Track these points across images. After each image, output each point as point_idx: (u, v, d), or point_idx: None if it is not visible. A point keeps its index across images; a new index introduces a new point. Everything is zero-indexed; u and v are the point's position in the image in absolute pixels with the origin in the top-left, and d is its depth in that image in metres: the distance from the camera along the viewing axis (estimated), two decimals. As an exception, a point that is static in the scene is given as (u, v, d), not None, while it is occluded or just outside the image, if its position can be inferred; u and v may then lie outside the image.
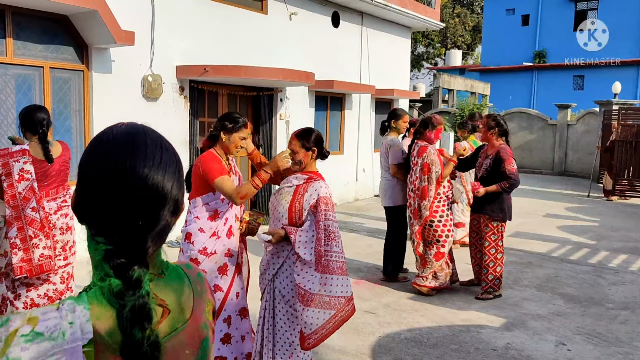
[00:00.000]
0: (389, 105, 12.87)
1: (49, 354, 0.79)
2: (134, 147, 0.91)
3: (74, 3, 5.58)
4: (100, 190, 0.88)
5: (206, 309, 1.02)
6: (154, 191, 0.90)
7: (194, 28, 7.60)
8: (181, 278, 1.00)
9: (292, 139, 3.22)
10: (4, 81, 5.75)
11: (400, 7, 11.45)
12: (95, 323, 0.84)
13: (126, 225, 0.87)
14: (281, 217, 3.18)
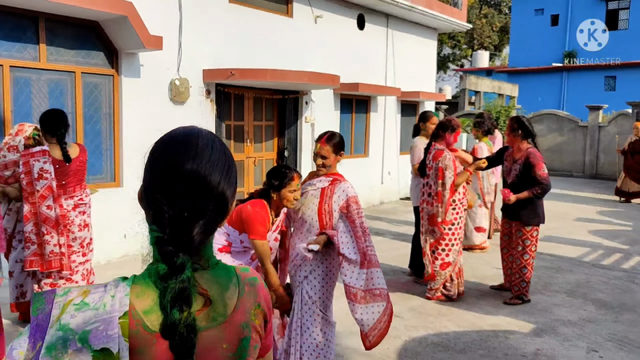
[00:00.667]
0: (415, 107, 12.78)
1: (91, 322, 0.89)
2: (186, 145, 1.01)
3: (104, 9, 5.70)
4: (154, 182, 0.99)
5: (252, 311, 1.04)
6: (200, 185, 0.97)
7: (221, 32, 7.68)
8: (229, 276, 1.05)
9: (322, 144, 3.26)
10: (38, 86, 5.91)
11: (426, 9, 11.37)
12: (134, 300, 0.93)
13: (174, 215, 0.95)
14: (309, 219, 3.26)
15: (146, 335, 0.92)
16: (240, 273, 1.08)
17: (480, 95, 20.90)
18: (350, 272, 3.21)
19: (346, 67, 9.99)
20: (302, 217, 3.30)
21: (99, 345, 0.88)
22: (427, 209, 5.28)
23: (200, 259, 1.01)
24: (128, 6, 5.89)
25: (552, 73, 27.04)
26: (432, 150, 5.25)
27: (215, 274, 1.03)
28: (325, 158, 3.24)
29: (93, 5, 5.58)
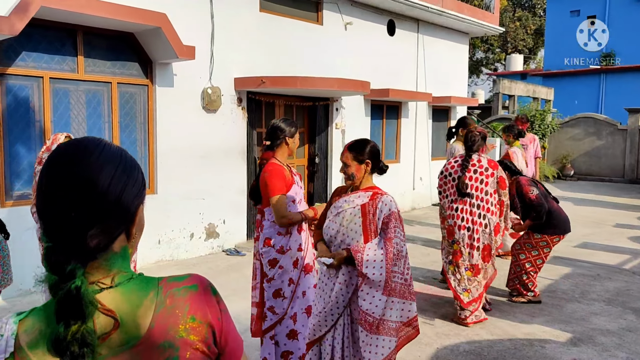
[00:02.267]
0: (446, 112, 12.66)
1: None
2: (72, 148, 0.94)
3: (139, 21, 5.86)
4: (40, 192, 0.92)
5: (182, 327, 0.92)
6: (85, 189, 0.90)
7: (252, 41, 7.79)
8: (146, 290, 0.94)
9: (344, 151, 3.02)
10: (76, 97, 6.11)
11: (457, 13, 11.27)
12: (21, 335, 0.87)
13: (62, 222, 0.88)
14: (354, 242, 2.89)
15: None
16: (166, 284, 0.97)
17: (514, 99, 20.53)
18: (370, 297, 2.78)
19: (376, 73, 9.97)
20: (342, 240, 2.95)
21: None
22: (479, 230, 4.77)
23: (105, 276, 0.93)
24: (162, 17, 6.04)
25: (590, 75, 26.35)
26: (482, 160, 4.80)
27: (125, 291, 0.93)
28: (347, 166, 2.97)
29: (128, 17, 5.74)
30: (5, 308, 5.17)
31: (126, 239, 0.98)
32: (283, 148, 3.60)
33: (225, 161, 7.49)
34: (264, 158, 3.63)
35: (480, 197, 4.75)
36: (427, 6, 10.31)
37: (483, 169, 4.79)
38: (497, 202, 4.81)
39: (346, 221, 2.93)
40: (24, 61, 5.65)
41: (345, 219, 2.94)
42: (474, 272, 4.78)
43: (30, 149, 5.73)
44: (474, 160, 4.82)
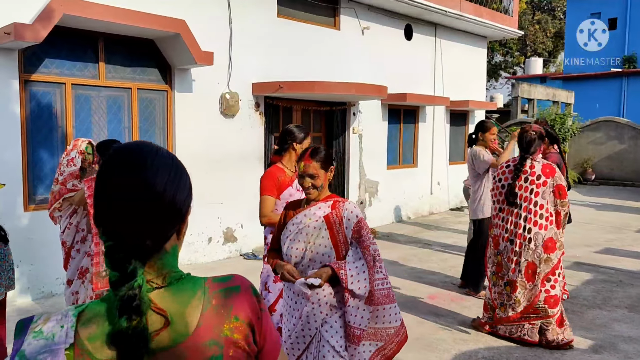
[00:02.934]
0: (465, 116, 12.57)
1: (41, 351, 0.89)
2: (127, 154, 0.99)
3: (159, 28, 5.94)
4: (99, 193, 0.97)
5: (226, 326, 0.97)
6: (142, 192, 0.95)
7: (269, 46, 7.84)
8: (194, 290, 0.99)
9: (307, 161, 2.69)
10: (97, 102, 6.21)
11: (475, 17, 11.21)
12: (80, 329, 0.92)
13: (121, 222, 0.93)
14: (325, 258, 2.67)
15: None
16: (211, 284, 1.02)
17: (534, 103, 20.31)
18: (357, 310, 2.64)
19: (394, 77, 9.96)
20: (312, 259, 2.68)
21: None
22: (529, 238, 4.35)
23: (157, 275, 0.97)
24: (181, 24, 6.12)
25: (611, 79, 25.95)
26: (536, 165, 4.35)
27: (176, 290, 0.97)
28: (314, 177, 2.68)
29: (148, 24, 5.83)
30: (28, 310, 5.26)
31: (177, 238, 1.03)
32: (290, 153, 3.77)
33: (243, 166, 7.54)
34: (272, 161, 3.87)
35: (528, 209, 4.30)
36: (445, 10, 10.27)
37: (535, 176, 4.31)
38: (550, 214, 4.30)
39: (312, 237, 2.67)
40: (47, 68, 5.77)
41: (310, 235, 2.68)
42: (512, 289, 4.38)
43: (52, 154, 5.84)
44: (526, 165, 4.36)
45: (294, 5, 8.32)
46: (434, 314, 5.19)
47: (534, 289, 4.32)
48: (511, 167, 4.47)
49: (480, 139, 5.75)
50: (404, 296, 5.72)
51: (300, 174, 2.71)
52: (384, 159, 10.12)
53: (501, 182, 4.51)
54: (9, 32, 4.96)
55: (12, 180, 5.36)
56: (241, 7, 7.41)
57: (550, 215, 4.29)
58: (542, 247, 4.28)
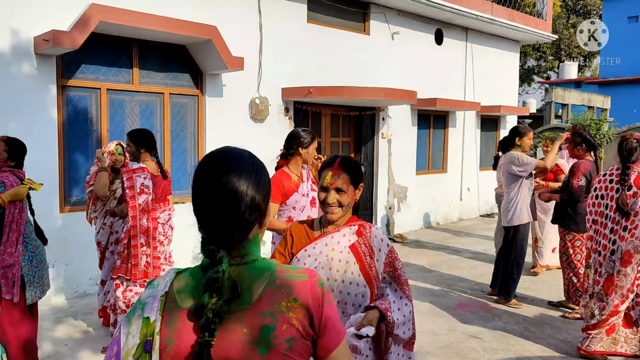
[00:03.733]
0: (496, 122, 12.39)
1: (149, 297, 1.17)
2: (216, 161, 1.19)
3: (191, 34, 6.04)
4: (196, 195, 1.17)
5: (284, 303, 1.12)
6: (231, 193, 1.13)
7: (299, 51, 7.89)
8: (264, 270, 1.17)
9: (336, 171, 2.14)
10: (131, 107, 6.35)
11: (508, 21, 11.05)
12: (175, 283, 1.18)
13: (214, 219, 1.14)
14: (359, 298, 2.10)
15: (175, 309, 1.14)
16: (281, 269, 1.18)
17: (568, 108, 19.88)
18: (395, 356, 2.21)
19: (423, 82, 9.89)
20: (339, 300, 2.10)
21: (147, 314, 1.14)
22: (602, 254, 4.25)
23: (238, 257, 1.17)
24: (212, 30, 6.21)
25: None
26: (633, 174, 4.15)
27: (250, 268, 1.17)
28: (341, 192, 2.12)
29: (181, 30, 5.94)
30: (62, 309, 5.39)
31: (259, 227, 1.22)
32: (296, 158, 3.78)
33: (272, 170, 7.58)
34: (278, 165, 3.90)
35: (616, 220, 4.15)
36: (477, 14, 10.16)
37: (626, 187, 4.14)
38: (635, 226, 4.05)
39: (339, 273, 2.10)
40: (84, 73, 5.93)
41: (335, 269, 2.10)
42: (598, 300, 4.25)
43: (87, 157, 5.99)
44: (631, 175, 4.13)
45: (324, 10, 8.36)
46: (464, 322, 5.11)
47: (615, 300, 4.12)
48: (609, 177, 4.28)
49: (518, 144, 5.60)
50: (433, 303, 5.65)
51: (324, 185, 2.13)
52: (413, 165, 10.04)
53: (596, 192, 4.38)
54: (48, 39, 5.12)
55: (49, 182, 5.51)
56: (272, 13, 7.48)
57: (634, 228, 4.06)
58: (620, 261, 4.10)
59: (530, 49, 33.67)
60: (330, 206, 2.12)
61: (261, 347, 1.09)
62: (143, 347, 1.11)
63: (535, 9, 13.33)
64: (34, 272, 3.57)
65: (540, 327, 4.99)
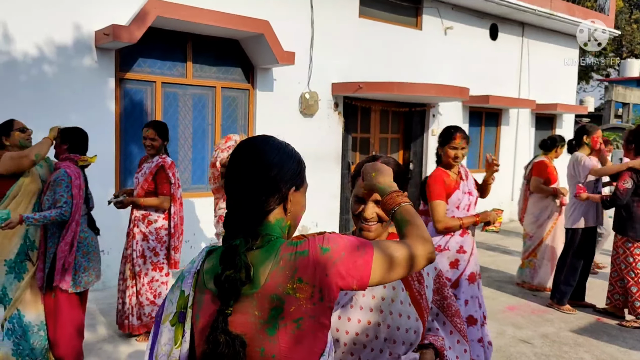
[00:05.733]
0: (551, 120, 11.97)
1: (186, 271, 1.27)
2: (246, 144, 1.27)
3: (244, 29, 6.11)
4: (226, 176, 1.27)
5: (289, 285, 1.14)
6: (247, 172, 1.22)
7: (350, 46, 7.84)
8: (271, 252, 1.19)
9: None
10: (184, 100, 6.49)
11: (567, 16, 10.63)
12: (205, 264, 1.26)
13: (233, 197, 1.23)
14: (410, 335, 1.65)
15: (203, 289, 1.22)
16: (284, 248, 1.19)
17: (629, 107, 18.99)
18: None
19: (476, 78, 9.65)
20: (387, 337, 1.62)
21: (183, 287, 1.24)
22: None
23: (259, 239, 1.21)
24: (265, 25, 6.26)
25: None
26: None
27: (263, 251, 1.20)
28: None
29: (235, 25, 6.01)
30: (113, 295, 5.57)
31: (284, 213, 1.26)
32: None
33: (320, 165, 7.59)
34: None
35: None
36: (535, 9, 9.81)
37: None
38: None
39: (384, 302, 1.64)
40: (140, 67, 6.09)
41: (380, 298, 1.64)
42: None
43: (141, 149, 6.14)
44: None
45: (376, 5, 8.27)
46: (514, 326, 4.96)
47: None
48: None
49: (585, 143, 5.39)
50: (481, 305, 5.52)
51: (360, 196, 1.66)
52: (464, 163, 9.81)
53: None
54: (108, 33, 5.29)
55: (105, 171, 5.71)
56: (323, 8, 7.47)
57: None
58: None
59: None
60: (368, 222, 1.66)
61: (269, 328, 1.13)
62: (178, 316, 1.21)
63: (596, 4, 12.77)
64: (79, 261, 3.69)
65: (595, 334, 4.79)
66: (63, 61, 5.44)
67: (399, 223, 1.35)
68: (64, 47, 5.44)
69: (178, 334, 1.20)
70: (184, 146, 6.52)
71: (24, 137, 3.64)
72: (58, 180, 3.54)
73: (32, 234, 3.56)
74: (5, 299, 3.49)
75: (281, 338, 1.12)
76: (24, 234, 3.51)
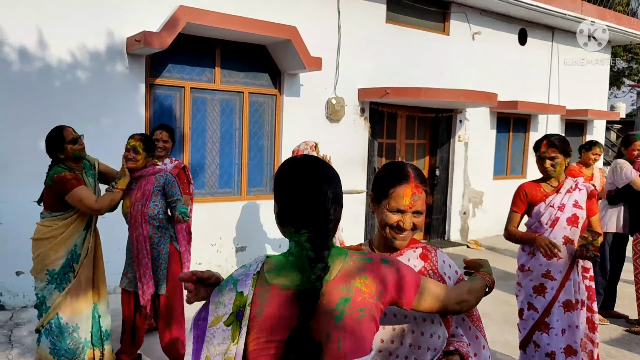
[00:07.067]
0: (582, 126, 11.74)
1: (241, 274, 1.38)
2: (309, 170, 1.39)
3: (272, 34, 6.16)
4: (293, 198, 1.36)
5: (358, 280, 1.34)
6: (326, 197, 1.37)
7: (376, 51, 7.83)
8: (341, 254, 1.39)
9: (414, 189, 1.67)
10: (212, 105, 6.56)
11: (598, 20, 10.43)
12: (265, 265, 1.39)
13: (313, 218, 1.35)
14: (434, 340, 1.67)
15: (266, 285, 1.34)
16: (352, 254, 1.41)
17: (663, 114, 18.49)
18: None
19: (504, 84, 9.53)
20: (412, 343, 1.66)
21: (240, 289, 1.34)
22: None
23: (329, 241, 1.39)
24: (292, 30, 6.30)
25: None
26: None
27: (333, 252, 1.38)
28: (419, 214, 1.70)
29: (263, 31, 6.07)
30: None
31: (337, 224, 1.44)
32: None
33: (346, 170, 7.58)
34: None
35: None
36: (565, 13, 9.66)
37: None
38: None
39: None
40: (170, 72, 6.19)
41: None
42: None
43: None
44: None
45: (403, 10, 8.25)
46: (543, 336, 4.86)
47: None
48: None
49: (623, 154, 5.30)
50: (509, 312, 5.42)
51: (399, 209, 1.68)
52: (491, 169, 9.71)
53: None
54: (139, 40, 5.40)
55: (135, 175, 5.80)
56: (350, 13, 7.48)
57: None
58: None
59: (621, 50, 31.63)
60: (401, 231, 1.70)
61: (336, 315, 1.28)
62: (235, 315, 1.32)
63: (629, 8, 12.49)
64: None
65: (628, 345, 4.66)
66: (96, 67, 5.57)
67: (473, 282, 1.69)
68: (97, 53, 5.57)
69: (235, 331, 1.31)
70: (212, 151, 6.59)
71: (77, 148, 3.54)
72: (171, 182, 3.75)
73: (79, 247, 3.58)
74: (42, 307, 3.54)
75: (347, 324, 1.28)
76: (71, 248, 3.54)
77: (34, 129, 5.24)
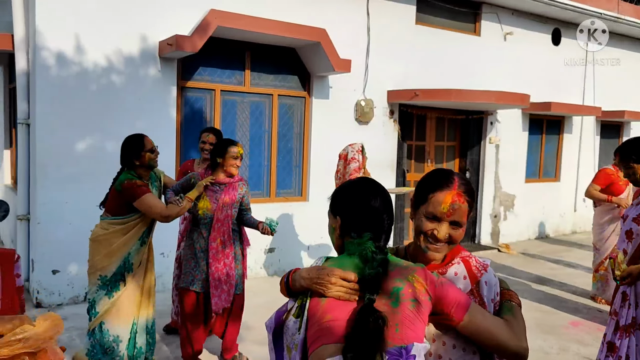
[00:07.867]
0: (618, 129, 11.43)
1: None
2: (375, 189, 1.62)
3: (301, 37, 6.19)
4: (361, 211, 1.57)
5: (409, 276, 1.46)
6: (384, 213, 1.59)
7: (406, 53, 7.78)
8: (393, 258, 1.56)
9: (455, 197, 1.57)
10: (242, 107, 6.63)
11: (635, 19, 10.14)
12: (327, 263, 1.57)
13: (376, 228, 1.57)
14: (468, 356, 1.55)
15: None
16: (402, 261, 1.55)
17: None
18: None
19: (537, 85, 9.35)
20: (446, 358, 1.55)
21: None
22: None
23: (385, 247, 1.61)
24: (321, 33, 6.31)
25: None
26: None
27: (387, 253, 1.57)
28: (458, 227, 1.59)
29: (292, 33, 6.10)
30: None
31: None
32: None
33: (375, 173, 7.51)
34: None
35: None
36: (601, 13, 9.43)
37: None
38: None
39: (439, 334, 1.56)
40: (200, 75, 6.28)
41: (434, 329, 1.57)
42: None
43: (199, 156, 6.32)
44: None
45: (433, 11, 8.18)
46: (578, 342, 4.75)
47: None
48: None
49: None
50: (542, 319, 5.32)
51: (436, 215, 1.58)
52: (522, 172, 9.53)
53: None
54: (172, 44, 5.49)
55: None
56: (380, 15, 7.46)
57: None
58: None
59: (660, 49, 30.66)
60: (439, 242, 1.58)
61: (393, 301, 1.42)
62: (300, 308, 1.51)
63: (668, 6, 12.11)
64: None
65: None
66: (130, 71, 5.68)
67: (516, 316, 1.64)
68: (131, 58, 5.68)
69: (301, 322, 1.49)
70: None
71: (153, 157, 3.67)
72: (249, 191, 4.11)
73: (133, 256, 3.64)
74: (92, 310, 3.62)
75: (402, 310, 1.41)
76: (125, 256, 3.61)
77: (71, 133, 5.40)
